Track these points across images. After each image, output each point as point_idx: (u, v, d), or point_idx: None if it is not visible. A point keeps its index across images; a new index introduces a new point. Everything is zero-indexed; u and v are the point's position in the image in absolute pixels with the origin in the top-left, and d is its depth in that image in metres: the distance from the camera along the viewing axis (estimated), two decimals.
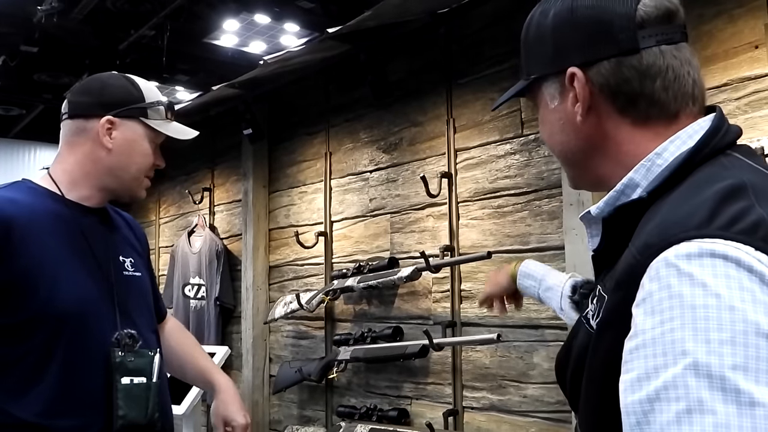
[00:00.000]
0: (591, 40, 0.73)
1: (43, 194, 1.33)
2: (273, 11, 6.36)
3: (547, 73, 0.78)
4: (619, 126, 0.75)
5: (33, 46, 6.79)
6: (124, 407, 1.27)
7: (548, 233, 2.15)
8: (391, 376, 2.66)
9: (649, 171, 0.71)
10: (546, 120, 0.81)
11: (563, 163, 0.83)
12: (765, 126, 1.65)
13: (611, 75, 0.73)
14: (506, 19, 2.32)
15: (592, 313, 0.71)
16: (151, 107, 1.38)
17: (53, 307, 1.23)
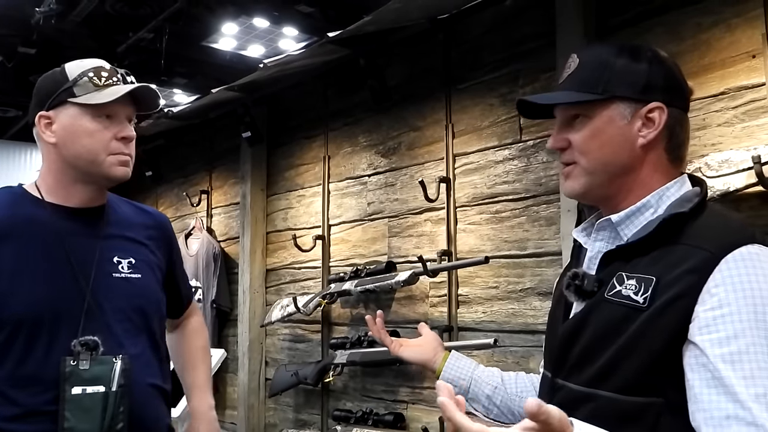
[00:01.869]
0: (673, 90, 0.97)
1: (26, 199, 1.32)
2: (272, 15, 6.37)
3: (631, 96, 0.96)
4: (661, 158, 0.97)
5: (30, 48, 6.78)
6: (71, 419, 1.21)
7: (546, 239, 2.16)
8: (387, 380, 2.66)
9: (660, 198, 0.96)
10: (604, 132, 0.97)
11: (596, 171, 0.98)
12: (761, 135, 1.66)
13: (678, 121, 0.97)
14: (505, 25, 2.33)
15: (635, 290, 0.88)
16: (75, 84, 1.30)
17: (8, 314, 1.22)
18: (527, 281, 2.20)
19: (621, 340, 0.88)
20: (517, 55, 2.29)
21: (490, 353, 2.28)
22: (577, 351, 0.95)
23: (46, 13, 5.94)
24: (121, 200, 1.49)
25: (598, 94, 0.96)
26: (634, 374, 0.86)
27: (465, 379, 1.24)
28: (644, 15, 1.94)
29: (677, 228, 0.91)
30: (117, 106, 1.30)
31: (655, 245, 0.91)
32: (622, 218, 0.96)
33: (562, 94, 1.00)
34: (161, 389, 1.39)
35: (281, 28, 6.42)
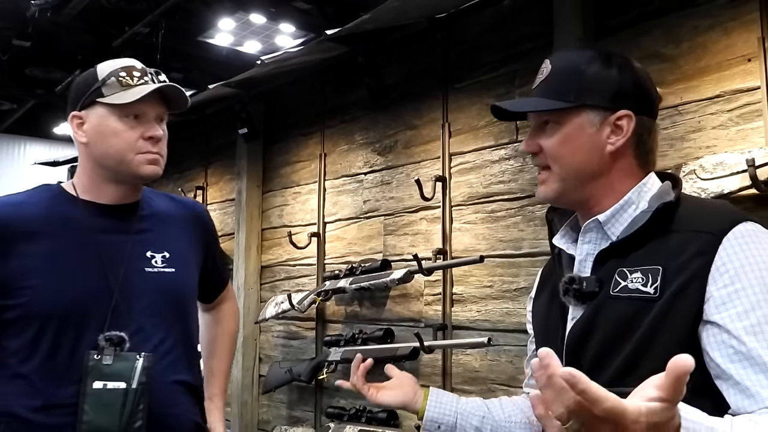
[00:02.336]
0: (643, 99, 1.00)
1: (61, 197, 1.37)
2: (269, 11, 6.37)
3: (601, 105, 0.99)
4: (631, 163, 1.01)
5: (26, 41, 6.75)
6: (90, 412, 1.23)
7: (540, 239, 2.17)
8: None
9: (640, 194, 1.00)
10: (574, 139, 1.00)
11: (568, 177, 1.01)
12: (756, 138, 1.68)
13: (646, 128, 1.00)
14: (503, 25, 2.34)
15: (643, 282, 0.90)
16: (104, 84, 1.33)
17: (38, 308, 1.26)
18: (522, 281, 2.21)
19: (638, 334, 0.89)
20: (514, 55, 2.29)
21: (483, 352, 2.29)
22: (590, 354, 0.95)
23: (41, 6, 5.91)
24: (157, 194, 1.52)
25: (569, 102, 0.99)
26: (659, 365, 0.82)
27: (450, 415, 1.22)
28: (642, 17, 1.95)
29: (667, 217, 0.94)
30: (145, 105, 1.33)
31: (648, 237, 0.94)
32: (608, 217, 0.99)
33: (534, 101, 1.03)
34: (189, 386, 1.40)
35: (278, 25, 6.43)
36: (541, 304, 1.12)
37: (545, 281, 1.14)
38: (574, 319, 0.99)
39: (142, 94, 1.30)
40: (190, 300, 1.44)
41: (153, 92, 1.33)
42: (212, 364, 1.62)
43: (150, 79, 1.34)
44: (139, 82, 1.33)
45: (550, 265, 1.14)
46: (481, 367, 2.30)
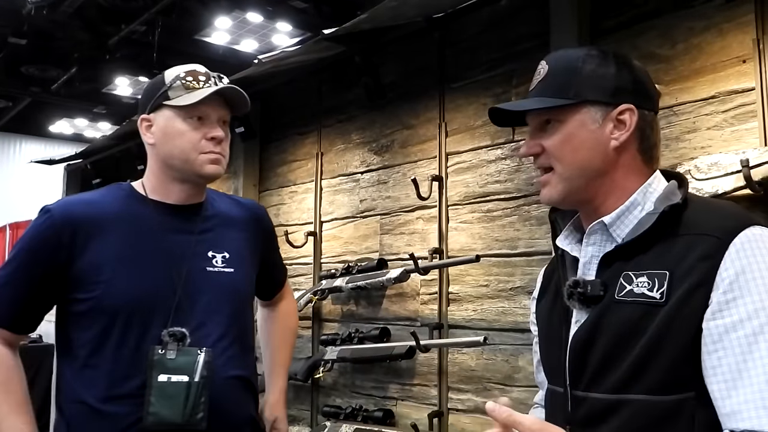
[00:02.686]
0: (642, 93, 0.99)
1: (131, 196, 1.43)
2: (266, 10, 6.36)
3: (601, 100, 0.97)
4: (635, 160, 0.99)
5: (21, 39, 6.72)
6: (156, 404, 1.29)
7: (536, 238, 2.18)
8: (377, 376, 2.68)
9: (645, 195, 0.97)
10: (576, 137, 0.98)
11: (572, 176, 0.99)
12: (750, 139, 1.69)
13: (647, 123, 0.98)
14: (501, 25, 2.34)
15: (649, 287, 0.88)
16: (170, 88, 1.39)
17: (107, 302, 1.32)
18: (517, 280, 2.22)
19: (644, 340, 0.87)
20: (511, 55, 2.30)
21: (479, 351, 2.30)
22: (595, 359, 0.92)
23: (37, 3, 5.89)
24: (220, 195, 1.59)
25: (569, 99, 0.97)
26: (665, 371, 0.85)
27: None
28: (638, 18, 1.96)
29: (674, 220, 0.91)
30: (207, 107, 1.39)
31: (654, 240, 0.91)
32: (614, 219, 0.96)
33: (534, 100, 1.01)
34: (246, 381, 1.45)
35: (275, 23, 6.42)
36: (544, 306, 1.10)
37: (548, 282, 1.11)
38: (578, 322, 0.97)
39: (203, 95, 1.36)
40: (246, 299, 1.50)
41: (216, 96, 1.39)
42: (274, 359, 1.67)
43: (213, 83, 1.40)
44: (202, 86, 1.39)
45: (553, 265, 1.10)
46: (477, 366, 2.31)
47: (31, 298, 1.36)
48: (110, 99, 8.32)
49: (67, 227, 1.33)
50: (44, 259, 1.33)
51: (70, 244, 1.33)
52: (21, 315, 1.37)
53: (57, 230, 1.33)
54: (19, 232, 7.12)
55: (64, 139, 10.25)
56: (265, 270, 1.59)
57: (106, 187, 1.48)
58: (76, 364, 1.34)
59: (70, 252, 1.33)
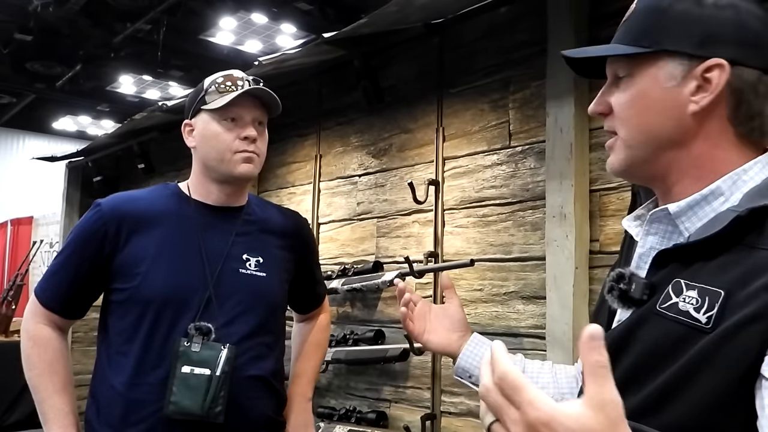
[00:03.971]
0: (745, 44, 0.75)
1: (176, 195, 1.51)
2: (270, 11, 6.39)
3: (684, 51, 0.76)
4: (724, 132, 0.76)
5: (27, 35, 6.76)
6: (177, 394, 1.33)
7: (531, 244, 2.19)
8: (371, 378, 2.69)
9: (734, 184, 0.75)
10: (647, 95, 0.78)
11: (638, 143, 0.80)
12: None
13: (750, 84, 0.75)
14: (499, 32, 2.36)
15: (696, 305, 0.70)
16: (206, 93, 1.47)
17: (142, 293, 1.39)
18: (511, 285, 2.23)
19: (676, 367, 0.70)
20: (509, 62, 2.31)
21: None
22: (620, 371, 0.72)
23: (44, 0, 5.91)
24: (264, 202, 1.66)
25: (643, 47, 0.78)
26: (691, 412, 0.68)
27: None
28: None
29: (757, 225, 0.70)
30: (240, 109, 1.45)
31: (725, 247, 0.71)
32: (683, 208, 0.77)
33: (603, 47, 0.83)
34: (267, 382, 1.47)
35: (279, 25, 6.45)
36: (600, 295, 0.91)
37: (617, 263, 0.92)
38: (620, 321, 0.81)
39: (232, 97, 1.43)
40: (276, 305, 1.52)
41: (249, 97, 1.46)
42: (299, 367, 1.69)
43: (245, 85, 1.46)
44: (233, 88, 1.45)
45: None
46: None
47: (80, 285, 1.44)
48: (114, 97, 8.37)
49: (113, 221, 1.42)
50: (92, 250, 1.42)
51: (115, 237, 1.41)
52: (71, 301, 1.46)
53: (105, 223, 1.42)
54: (20, 228, 7.15)
55: (67, 136, 10.30)
56: (301, 282, 1.62)
57: (153, 187, 1.57)
58: (111, 350, 1.42)
59: (114, 244, 1.41)
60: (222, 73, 1.50)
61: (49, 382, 1.41)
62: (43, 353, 1.43)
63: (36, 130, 10.52)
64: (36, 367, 1.44)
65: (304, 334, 1.73)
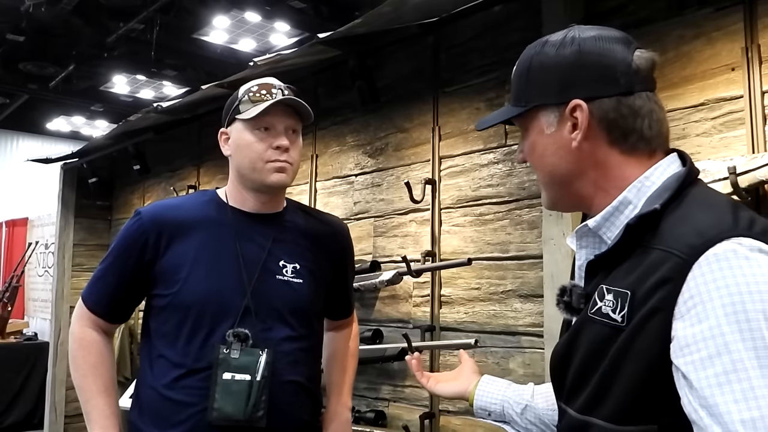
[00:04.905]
0: (595, 80, 0.86)
1: (214, 202, 1.54)
2: (264, 10, 6.38)
3: (549, 102, 0.89)
4: (609, 154, 0.88)
5: (20, 36, 6.73)
6: (220, 400, 1.36)
7: (527, 242, 2.20)
8: (369, 377, 2.69)
9: (639, 191, 0.86)
10: (538, 143, 0.91)
11: (548, 183, 0.93)
12: (738, 146, 1.71)
13: (611, 111, 0.86)
14: (495, 30, 2.36)
15: (613, 307, 0.80)
16: (240, 102, 1.48)
17: (182, 299, 1.42)
18: (509, 283, 2.24)
19: (605, 364, 0.81)
20: (504, 60, 2.31)
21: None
22: (571, 373, 0.88)
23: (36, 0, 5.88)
24: (302, 209, 1.67)
25: (521, 107, 0.92)
26: (623, 401, 0.79)
27: (497, 403, 1.18)
28: (629, 25, 1.97)
29: (652, 226, 0.80)
30: (273, 118, 1.46)
31: (630, 250, 0.81)
32: (600, 222, 0.87)
33: (497, 112, 0.98)
34: (304, 387, 1.49)
35: (273, 23, 6.44)
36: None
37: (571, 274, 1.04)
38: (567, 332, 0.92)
39: (264, 107, 1.44)
40: (312, 311, 1.53)
41: (282, 106, 1.47)
42: (336, 378, 1.71)
43: (276, 95, 1.47)
44: (265, 98, 1.46)
45: None
46: None
47: (123, 291, 1.49)
48: (108, 97, 8.34)
49: (153, 229, 1.45)
50: (133, 257, 1.46)
51: (155, 245, 1.44)
52: (115, 306, 1.51)
53: (145, 231, 1.45)
54: (15, 229, 7.12)
55: (61, 137, 10.26)
56: (337, 289, 1.64)
57: (192, 194, 1.64)
58: (153, 354, 1.45)
59: (155, 251, 1.44)
60: (256, 82, 1.51)
61: (93, 384, 1.45)
62: (87, 355, 1.47)
63: (30, 131, 10.47)
64: (81, 369, 1.48)
65: (336, 344, 1.74)
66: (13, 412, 5.57)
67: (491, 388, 1.20)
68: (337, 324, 1.75)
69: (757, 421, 0.67)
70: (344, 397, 1.68)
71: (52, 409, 4.43)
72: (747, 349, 0.69)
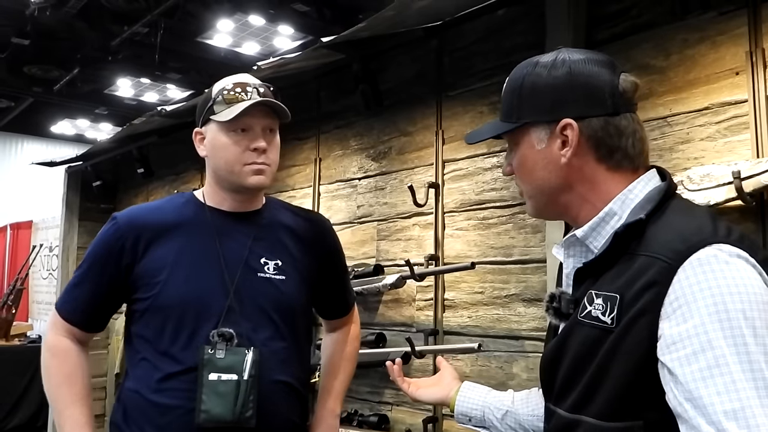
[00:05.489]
0: (585, 100, 0.93)
1: (192, 203, 1.51)
2: (268, 13, 6.39)
3: (541, 120, 0.95)
4: (596, 170, 0.94)
5: (25, 39, 6.76)
6: (207, 402, 1.34)
7: (531, 246, 2.19)
8: (372, 381, 2.69)
9: (623, 203, 0.92)
10: (528, 158, 0.97)
11: (535, 195, 0.99)
12: (742, 150, 1.70)
13: (599, 130, 0.93)
14: (498, 34, 2.36)
15: (602, 310, 0.86)
16: (214, 103, 1.45)
17: (162, 301, 1.40)
18: (512, 287, 2.23)
19: (594, 364, 0.86)
20: (508, 64, 2.30)
21: (474, 357, 2.31)
22: (560, 376, 0.93)
23: (41, 4, 5.91)
24: (282, 205, 1.63)
25: (513, 123, 0.97)
26: (611, 399, 0.84)
27: (477, 409, 1.23)
28: (632, 29, 1.97)
29: (637, 234, 0.87)
30: (250, 119, 1.42)
31: (617, 257, 0.88)
32: (587, 232, 0.94)
33: (489, 126, 1.02)
34: (292, 387, 1.47)
35: (276, 26, 6.45)
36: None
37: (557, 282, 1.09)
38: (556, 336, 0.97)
39: (240, 110, 1.40)
40: (296, 307, 1.50)
41: (259, 105, 1.42)
42: (327, 383, 1.67)
43: (252, 94, 1.43)
44: (241, 98, 1.42)
45: None
46: (471, 373, 2.32)
47: (99, 299, 1.46)
48: (112, 100, 8.36)
49: (131, 233, 1.43)
50: (110, 264, 1.43)
51: (133, 249, 1.42)
52: (90, 314, 1.47)
53: (122, 236, 1.43)
54: (20, 232, 7.14)
55: (65, 140, 10.29)
56: (327, 286, 1.61)
57: (169, 196, 1.59)
58: (136, 357, 1.43)
59: (133, 256, 1.42)
60: (230, 80, 1.47)
61: (68, 393, 1.43)
62: (61, 365, 1.45)
63: (34, 134, 10.50)
64: (54, 378, 1.45)
65: (332, 346, 1.71)
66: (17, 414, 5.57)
67: (472, 394, 1.25)
68: (334, 324, 1.71)
69: (738, 412, 0.72)
70: (332, 402, 1.64)
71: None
72: (729, 345, 0.75)
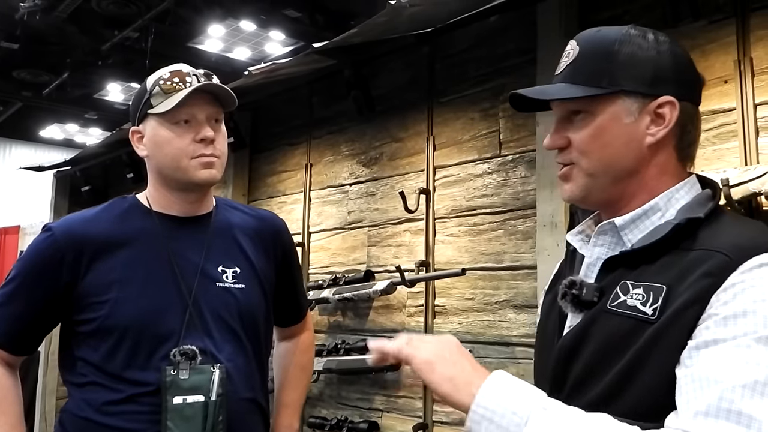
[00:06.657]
0: (686, 81, 0.88)
1: (136, 209, 1.37)
2: (259, 18, 6.39)
3: (638, 91, 0.86)
4: (669, 159, 0.89)
5: (14, 43, 6.72)
6: (174, 428, 1.24)
7: (522, 252, 2.20)
8: (363, 388, 2.68)
9: (669, 201, 0.87)
10: (607, 131, 0.88)
11: (598, 173, 0.89)
12: (731, 158, 1.71)
13: (691, 116, 0.88)
14: (490, 41, 2.37)
15: (642, 300, 0.80)
16: (151, 95, 1.32)
17: (114, 321, 1.27)
18: (503, 294, 2.23)
19: (628, 357, 0.79)
20: (499, 70, 2.32)
21: None
22: (578, 368, 0.86)
23: (31, 8, 5.88)
24: (233, 206, 1.51)
25: (603, 88, 0.87)
26: (643, 396, 0.77)
27: None
28: None
29: (690, 233, 0.82)
30: (192, 108, 1.30)
31: (664, 252, 0.83)
32: (627, 222, 0.88)
33: (562, 87, 0.90)
34: (258, 404, 1.39)
35: (268, 32, 6.44)
36: (547, 303, 1.02)
37: (558, 278, 1.01)
38: (571, 327, 0.89)
39: (180, 98, 1.28)
40: (260, 317, 1.41)
41: (201, 94, 1.30)
42: (282, 396, 1.56)
43: (192, 82, 1.30)
44: (179, 87, 1.29)
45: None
46: None
47: (32, 318, 1.31)
48: (102, 105, 8.32)
49: (70, 247, 1.28)
50: (46, 279, 1.29)
51: (74, 265, 1.28)
52: (21, 336, 1.32)
53: (59, 249, 1.28)
54: (7, 237, 7.07)
55: (54, 144, 10.22)
56: (282, 291, 1.49)
57: (109, 202, 1.42)
58: (79, 381, 1.30)
59: (74, 272, 1.28)
60: (167, 70, 1.34)
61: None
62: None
63: (23, 138, 10.43)
64: None
65: (286, 356, 1.60)
66: None
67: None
68: (287, 332, 1.60)
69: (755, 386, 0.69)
70: (289, 418, 1.54)
71: (42, 419, 4.39)
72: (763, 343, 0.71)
